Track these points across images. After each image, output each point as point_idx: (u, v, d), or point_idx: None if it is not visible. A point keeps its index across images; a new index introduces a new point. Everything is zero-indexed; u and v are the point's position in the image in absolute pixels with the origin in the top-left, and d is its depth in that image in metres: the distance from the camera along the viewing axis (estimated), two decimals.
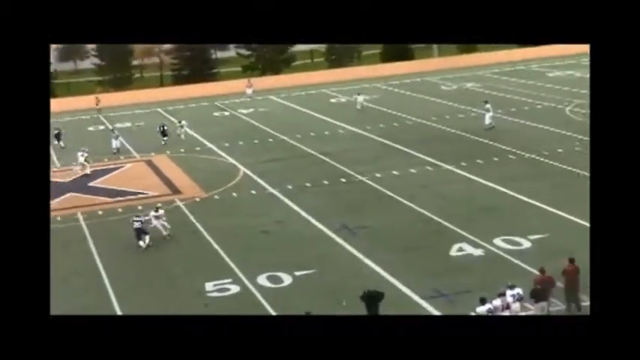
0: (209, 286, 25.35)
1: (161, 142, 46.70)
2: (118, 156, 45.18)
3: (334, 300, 23.27)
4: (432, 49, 77.00)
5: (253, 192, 35.86)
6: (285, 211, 32.78)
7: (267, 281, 25.44)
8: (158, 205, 31.49)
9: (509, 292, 20.63)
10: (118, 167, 42.89)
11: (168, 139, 46.94)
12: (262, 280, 25.53)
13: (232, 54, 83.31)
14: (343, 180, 36.66)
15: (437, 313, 22.31)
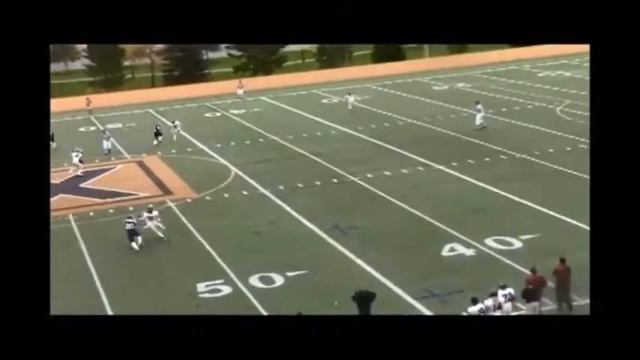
0: (201, 287, 25.33)
1: (154, 142, 46.60)
2: (109, 157, 45.10)
3: (326, 300, 23.28)
4: (423, 50, 77.05)
5: (245, 193, 35.83)
6: (277, 211, 32.76)
7: (258, 282, 25.43)
8: (150, 206, 31.41)
9: (500, 292, 20.68)
10: (109, 168, 42.79)
11: (162, 138, 46.95)
12: (254, 280, 25.52)
13: (223, 55, 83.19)
14: (335, 180, 36.67)
15: (429, 313, 22.33)
